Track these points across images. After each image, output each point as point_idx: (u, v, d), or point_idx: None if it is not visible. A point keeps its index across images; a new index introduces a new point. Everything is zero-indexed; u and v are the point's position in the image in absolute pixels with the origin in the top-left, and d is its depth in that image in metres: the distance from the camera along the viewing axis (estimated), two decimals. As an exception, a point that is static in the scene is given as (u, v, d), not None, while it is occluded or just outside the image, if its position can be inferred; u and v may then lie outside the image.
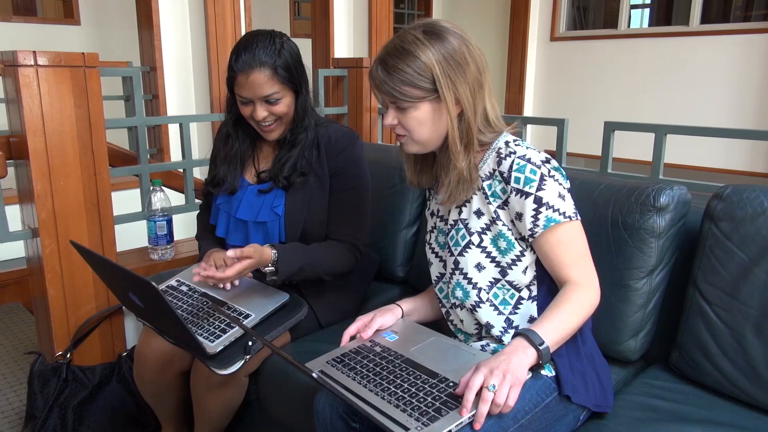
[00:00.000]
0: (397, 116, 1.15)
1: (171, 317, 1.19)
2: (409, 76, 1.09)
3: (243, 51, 1.41)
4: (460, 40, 1.12)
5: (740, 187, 1.29)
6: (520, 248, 1.16)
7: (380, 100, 1.17)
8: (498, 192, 1.16)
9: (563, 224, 1.11)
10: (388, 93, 1.12)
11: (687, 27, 5.01)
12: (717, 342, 1.27)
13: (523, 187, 1.11)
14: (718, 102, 4.80)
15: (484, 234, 1.18)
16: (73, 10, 5.35)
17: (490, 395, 0.96)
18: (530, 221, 1.11)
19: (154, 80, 3.74)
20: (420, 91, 1.10)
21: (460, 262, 1.20)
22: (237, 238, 1.59)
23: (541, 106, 5.97)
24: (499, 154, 1.15)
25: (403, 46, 1.10)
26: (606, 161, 2.07)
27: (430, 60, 1.08)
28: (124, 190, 3.13)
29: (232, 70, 1.43)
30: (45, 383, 1.68)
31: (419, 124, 1.14)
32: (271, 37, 1.44)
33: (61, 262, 1.67)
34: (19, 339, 2.59)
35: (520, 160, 1.12)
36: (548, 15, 5.80)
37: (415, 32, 1.11)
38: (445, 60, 1.09)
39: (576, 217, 1.14)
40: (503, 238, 1.16)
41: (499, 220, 1.16)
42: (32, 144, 1.57)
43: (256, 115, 1.46)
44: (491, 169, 1.17)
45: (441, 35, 1.10)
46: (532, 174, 1.11)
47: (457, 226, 1.21)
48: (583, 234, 1.16)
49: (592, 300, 1.13)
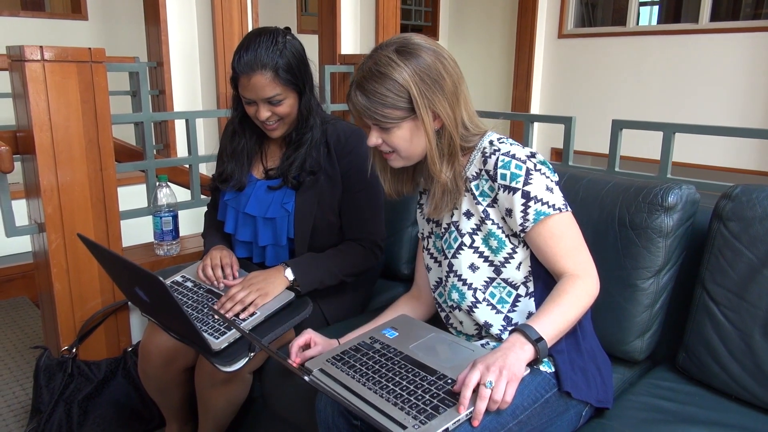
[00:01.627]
0: (381, 136, 1.16)
1: (177, 313, 1.19)
2: (389, 99, 1.10)
3: (245, 51, 1.40)
4: (433, 55, 1.12)
5: (750, 187, 1.28)
6: (512, 245, 1.16)
7: (359, 122, 1.18)
8: (486, 191, 1.16)
9: (553, 216, 1.11)
10: (370, 117, 1.13)
11: (696, 24, 4.97)
12: (724, 343, 1.26)
13: (509, 183, 1.12)
14: (727, 100, 4.77)
15: (474, 234, 1.19)
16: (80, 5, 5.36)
17: (487, 392, 0.96)
18: (520, 216, 1.12)
19: (161, 75, 3.75)
20: (400, 111, 1.12)
21: (454, 264, 1.21)
22: (245, 233, 1.59)
23: (548, 103, 5.94)
24: (484, 153, 1.16)
25: (378, 69, 1.11)
26: (613, 160, 2.06)
27: (405, 80, 1.09)
28: (130, 186, 3.15)
29: (234, 70, 1.43)
30: (51, 377, 1.68)
31: (404, 141, 1.15)
32: (274, 36, 1.43)
33: (67, 257, 1.67)
34: (26, 333, 2.60)
35: (505, 156, 1.13)
36: (556, 12, 5.76)
37: (387, 53, 1.11)
38: (420, 78, 1.10)
39: (566, 209, 1.14)
40: (494, 236, 1.17)
41: (488, 219, 1.16)
42: (39, 139, 1.57)
43: (259, 115, 1.46)
44: (477, 169, 1.18)
45: (414, 53, 1.11)
46: (517, 169, 1.11)
47: (450, 229, 1.22)
48: (575, 225, 1.15)
49: (590, 290, 1.12)
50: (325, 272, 1.50)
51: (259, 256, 1.60)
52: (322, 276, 1.50)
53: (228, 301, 1.40)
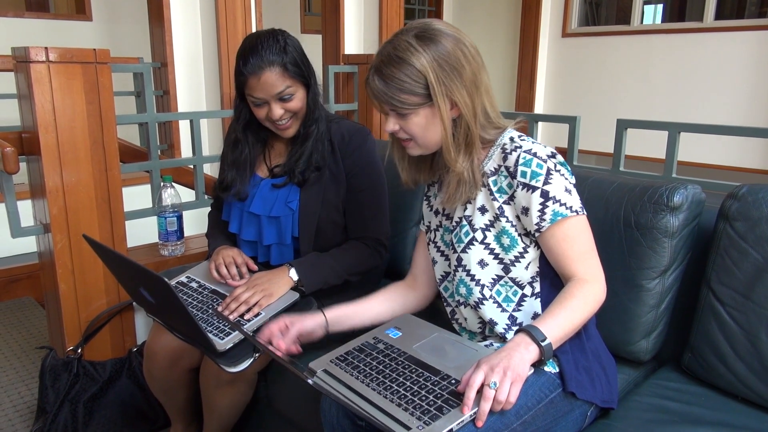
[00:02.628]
0: (398, 122, 1.15)
1: (182, 313, 1.19)
2: (407, 84, 1.09)
3: (250, 54, 1.41)
4: (453, 41, 1.11)
5: (756, 186, 1.27)
6: (524, 244, 1.16)
7: (379, 108, 1.17)
8: (504, 187, 1.15)
9: (570, 218, 1.11)
10: (387, 102, 1.12)
11: (701, 23, 4.95)
12: (730, 343, 1.26)
13: (529, 181, 1.11)
14: (732, 99, 4.75)
15: (487, 231, 1.18)
16: (85, 6, 5.37)
17: (491, 393, 0.96)
18: (537, 215, 1.11)
19: (165, 76, 3.75)
20: (418, 97, 1.10)
21: (463, 258, 1.20)
22: (250, 232, 1.59)
23: (552, 102, 5.93)
24: (504, 149, 1.15)
25: (397, 54, 1.09)
26: (618, 159, 2.05)
27: (423, 66, 1.08)
28: (134, 186, 3.15)
29: (241, 74, 1.43)
30: (56, 378, 1.69)
31: (422, 128, 1.14)
32: (273, 35, 1.45)
33: (73, 258, 1.68)
34: (31, 333, 2.61)
35: (526, 154, 1.12)
36: (560, 11, 5.75)
37: (407, 38, 1.10)
38: (438, 65, 1.09)
39: (582, 212, 1.13)
40: (507, 234, 1.16)
41: (503, 216, 1.15)
42: (44, 140, 1.58)
43: (272, 114, 1.46)
44: (496, 165, 1.17)
45: (434, 39, 1.09)
46: (538, 168, 1.10)
47: (461, 223, 1.21)
48: (589, 229, 1.15)
49: (598, 296, 1.11)
50: (329, 271, 1.50)
51: (263, 255, 1.61)
52: (327, 275, 1.50)
53: (233, 302, 1.40)
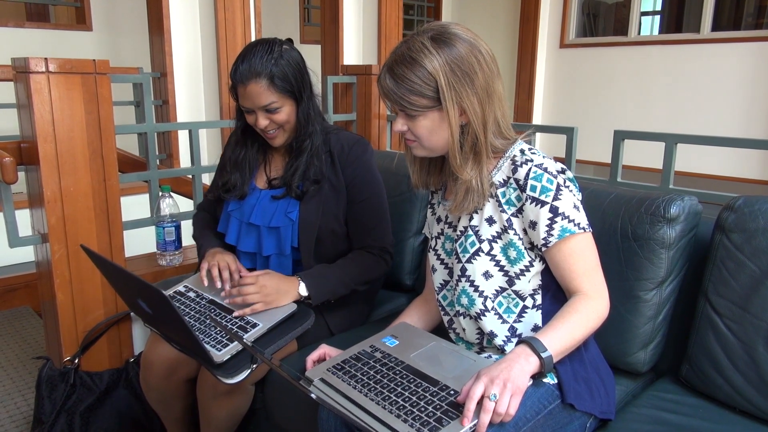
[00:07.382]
0: (406, 123, 1.15)
1: (179, 325, 1.19)
2: (417, 86, 1.08)
3: (241, 62, 1.43)
4: (469, 46, 1.09)
5: (752, 198, 1.27)
6: (530, 258, 1.15)
7: (389, 107, 1.17)
8: (513, 199, 1.15)
9: (577, 235, 1.11)
10: (396, 101, 1.12)
11: (698, 34, 4.98)
12: (728, 355, 1.26)
13: (539, 196, 1.11)
14: (729, 110, 4.77)
15: (494, 242, 1.17)
16: (85, 16, 5.39)
17: (491, 405, 0.96)
18: (544, 230, 1.11)
19: (165, 86, 3.77)
20: (427, 100, 1.10)
21: (468, 269, 1.19)
22: (248, 244, 1.59)
23: (550, 113, 5.95)
24: (515, 161, 1.15)
25: (410, 54, 1.09)
26: (615, 170, 2.05)
27: (435, 69, 1.07)
28: (133, 196, 3.15)
29: (233, 80, 1.45)
30: (53, 388, 1.68)
31: (428, 131, 1.13)
32: (270, 45, 1.45)
33: (70, 268, 1.68)
34: (28, 343, 2.60)
35: (537, 168, 1.11)
36: (558, 22, 5.79)
37: (423, 39, 1.09)
38: (450, 69, 1.07)
39: (589, 229, 1.13)
40: (514, 247, 1.15)
41: (511, 228, 1.15)
42: (43, 150, 1.58)
43: (257, 123, 1.48)
44: (505, 176, 1.16)
45: (449, 42, 1.08)
46: (548, 183, 1.10)
47: (467, 233, 1.20)
48: (594, 246, 1.15)
49: (600, 312, 1.12)
50: (337, 282, 1.51)
51: (262, 266, 1.60)
52: (335, 286, 1.51)
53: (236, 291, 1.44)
